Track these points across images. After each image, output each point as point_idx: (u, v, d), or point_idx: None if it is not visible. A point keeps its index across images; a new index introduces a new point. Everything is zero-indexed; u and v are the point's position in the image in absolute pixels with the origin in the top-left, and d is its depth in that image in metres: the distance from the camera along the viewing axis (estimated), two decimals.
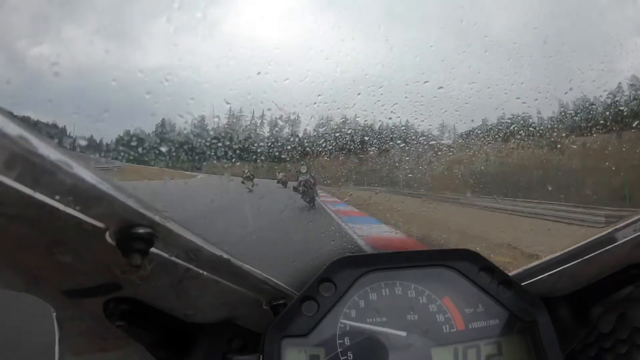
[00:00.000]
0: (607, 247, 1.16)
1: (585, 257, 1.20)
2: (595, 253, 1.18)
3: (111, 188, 0.64)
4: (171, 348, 1.18)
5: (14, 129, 0.49)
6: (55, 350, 1.03)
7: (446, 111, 1.52)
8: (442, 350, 1.20)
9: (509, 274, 1.34)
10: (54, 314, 0.99)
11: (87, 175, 0.59)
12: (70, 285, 0.87)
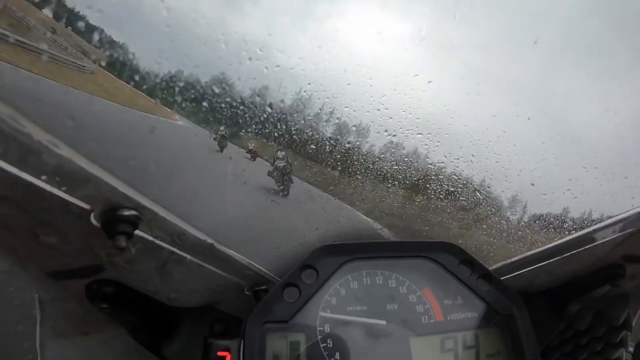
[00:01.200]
0: (586, 247, 1.18)
1: (565, 255, 1.22)
2: (575, 251, 1.20)
3: (98, 169, 0.64)
4: (153, 332, 1.18)
5: (0, 109, 0.50)
6: (36, 333, 1.03)
7: (433, 105, 1.53)
8: (421, 340, 1.22)
9: (489, 268, 1.36)
10: (36, 296, 0.99)
11: (74, 156, 0.60)
12: (54, 266, 0.87)
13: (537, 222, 1.73)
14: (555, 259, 1.25)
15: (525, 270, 1.33)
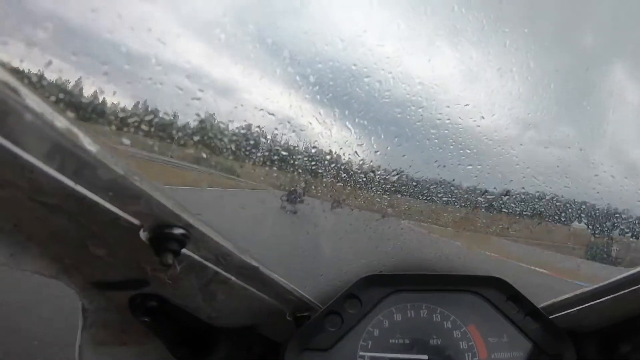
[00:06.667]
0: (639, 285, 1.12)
1: (617, 294, 1.16)
2: (627, 290, 1.14)
3: (150, 187, 0.64)
4: (191, 348, 1.18)
5: (60, 121, 0.50)
6: (77, 339, 1.04)
7: (485, 136, 1.51)
8: None
9: (538, 305, 1.31)
10: (80, 303, 1.00)
11: (128, 172, 0.60)
12: (100, 277, 0.88)
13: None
14: (607, 297, 1.18)
15: (575, 309, 1.27)
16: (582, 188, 1.56)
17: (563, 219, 1.66)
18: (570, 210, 1.65)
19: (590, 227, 1.74)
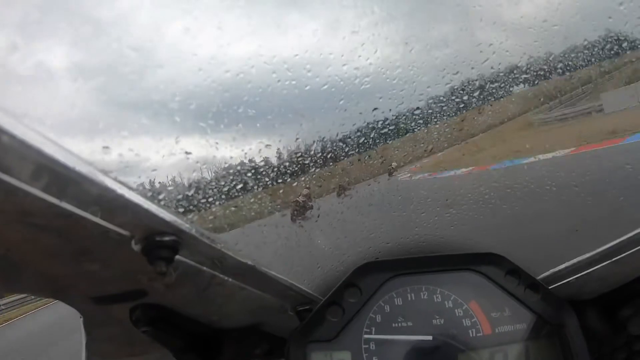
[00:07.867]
0: (637, 248, 1.13)
1: (615, 259, 1.16)
2: (625, 254, 1.14)
3: (136, 197, 0.64)
4: (197, 353, 1.18)
5: (39, 141, 0.50)
6: (82, 355, 1.04)
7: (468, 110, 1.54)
8: (469, 355, 1.20)
9: (536, 277, 1.32)
10: (81, 320, 1.00)
11: (112, 184, 0.60)
12: (97, 292, 0.87)
13: None
14: (605, 263, 1.18)
15: (574, 277, 1.27)
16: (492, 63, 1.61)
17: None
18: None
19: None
